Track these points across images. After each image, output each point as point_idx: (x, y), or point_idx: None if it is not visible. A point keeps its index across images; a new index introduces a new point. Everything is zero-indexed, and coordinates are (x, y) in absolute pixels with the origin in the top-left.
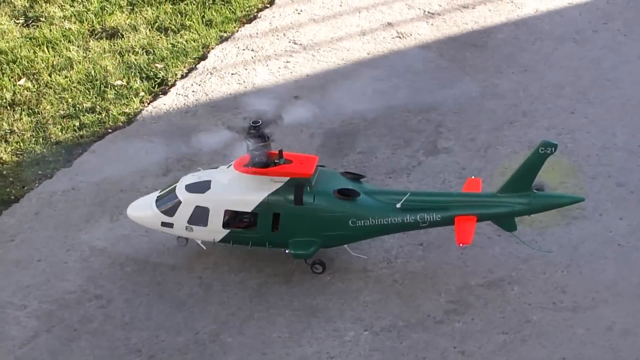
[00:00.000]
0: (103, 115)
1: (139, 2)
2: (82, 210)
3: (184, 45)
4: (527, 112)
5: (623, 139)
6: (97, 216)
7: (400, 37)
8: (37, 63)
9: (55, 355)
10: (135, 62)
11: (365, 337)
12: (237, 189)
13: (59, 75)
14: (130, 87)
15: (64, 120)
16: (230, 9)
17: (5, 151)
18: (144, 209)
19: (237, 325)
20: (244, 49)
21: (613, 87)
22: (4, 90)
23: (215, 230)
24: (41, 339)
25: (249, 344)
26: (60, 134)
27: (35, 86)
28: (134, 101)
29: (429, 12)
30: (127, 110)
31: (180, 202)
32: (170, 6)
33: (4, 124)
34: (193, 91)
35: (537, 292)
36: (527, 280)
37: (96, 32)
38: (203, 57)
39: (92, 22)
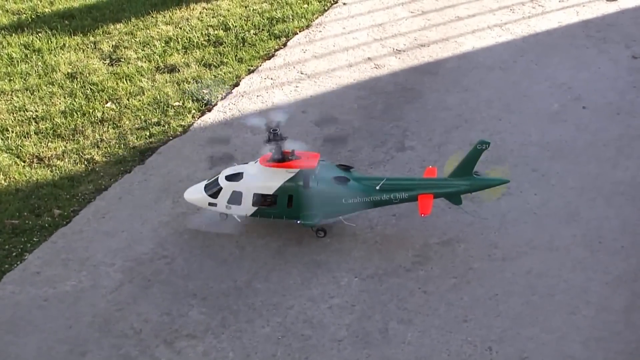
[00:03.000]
0: (166, 127)
1: (190, 46)
2: (152, 195)
3: (223, 76)
4: (468, 120)
5: (536, 137)
6: (163, 199)
7: (377, 68)
8: (119, 91)
9: (135, 299)
10: (188, 89)
11: (356, 282)
12: (262, 178)
13: (135, 99)
14: (185, 106)
15: (138, 131)
16: (255, 50)
17: (98, 154)
18: (196, 193)
19: (264, 275)
20: (265, 78)
21: (528, 101)
22: (96, 110)
23: (247, 207)
24: (125, 286)
25: (272, 288)
26: (136, 141)
27: (118, 107)
28: (187, 117)
29: (397, 50)
30: (183, 123)
31: (221, 188)
32: (213, 49)
33: (97, 134)
34: (229, 109)
35: (477, 247)
36: (470, 239)
37: (160, 68)
38: (236, 84)
39: (157, 61)
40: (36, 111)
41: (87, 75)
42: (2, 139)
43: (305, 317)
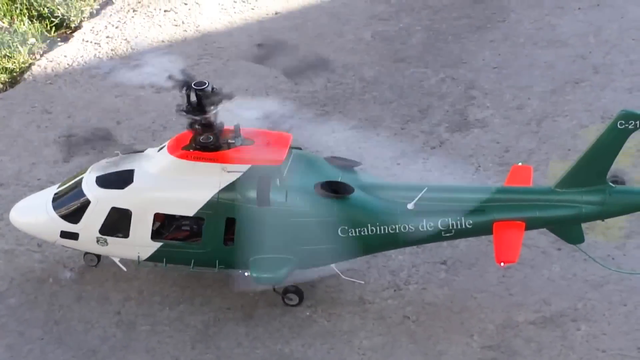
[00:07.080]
0: None
1: None
2: None
3: None
4: (600, 67)
5: None
6: None
7: None
8: None
9: None
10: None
11: None
12: (173, 182)
13: None
14: (15, 30)
15: None
16: None
17: None
18: (35, 212)
19: None
20: None
21: None
22: None
23: (140, 243)
24: None
25: None
26: None
27: None
28: (19, 52)
29: None
30: (9, 65)
31: (88, 202)
32: None
33: None
34: (108, 37)
35: (615, 332)
36: (599, 315)
37: None
38: None
39: None
40: None
41: None
42: None
43: None
